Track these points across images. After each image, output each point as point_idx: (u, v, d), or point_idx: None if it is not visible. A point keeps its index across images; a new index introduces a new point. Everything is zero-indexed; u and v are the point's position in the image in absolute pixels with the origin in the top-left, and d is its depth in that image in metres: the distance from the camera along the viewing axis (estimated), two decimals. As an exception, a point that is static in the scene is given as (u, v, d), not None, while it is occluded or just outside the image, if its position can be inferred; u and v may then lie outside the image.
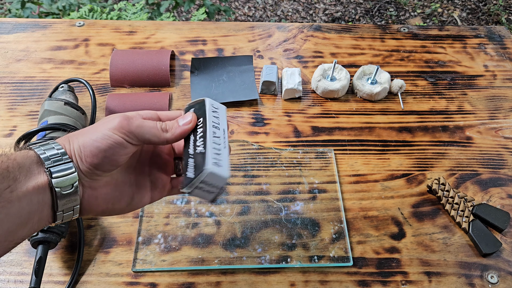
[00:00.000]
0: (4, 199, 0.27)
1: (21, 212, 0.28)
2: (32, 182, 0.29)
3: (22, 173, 0.29)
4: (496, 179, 0.56)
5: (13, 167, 0.28)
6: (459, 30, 0.77)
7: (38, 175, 0.29)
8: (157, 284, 0.46)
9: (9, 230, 0.27)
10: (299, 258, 0.48)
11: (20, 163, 0.29)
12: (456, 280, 0.47)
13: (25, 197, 0.28)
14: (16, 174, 0.28)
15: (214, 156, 0.33)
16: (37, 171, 0.29)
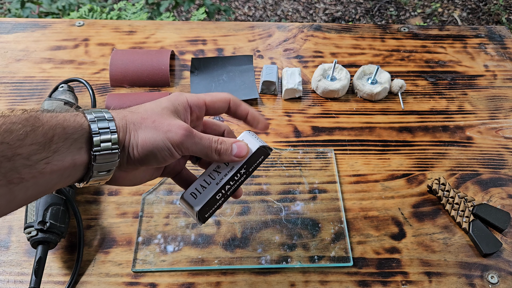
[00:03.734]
0: (37, 170, 0.26)
1: (48, 184, 0.28)
2: (69, 157, 0.28)
3: (65, 146, 0.28)
4: (497, 179, 0.56)
5: (59, 138, 0.27)
6: (459, 30, 0.77)
7: (78, 151, 0.28)
8: (157, 284, 0.46)
9: (30, 197, 0.27)
10: (299, 258, 0.48)
11: (68, 134, 0.28)
12: (457, 280, 0.47)
13: (58, 171, 0.28)
14: (59, 146, 0.27)
15: (193, 189, 0.37)
16: (80, 147, 0.29)
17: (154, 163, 0.32)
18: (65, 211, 0.47)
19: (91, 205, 0.52)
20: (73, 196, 0.49)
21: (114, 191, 0.53)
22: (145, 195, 0.53)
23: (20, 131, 0.25)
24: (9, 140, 0.25)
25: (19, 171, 0.25)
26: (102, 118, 0.30)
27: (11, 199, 0.26)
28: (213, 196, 0.36)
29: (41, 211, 0.45)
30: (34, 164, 0.26)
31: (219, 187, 0.36)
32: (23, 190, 0.26)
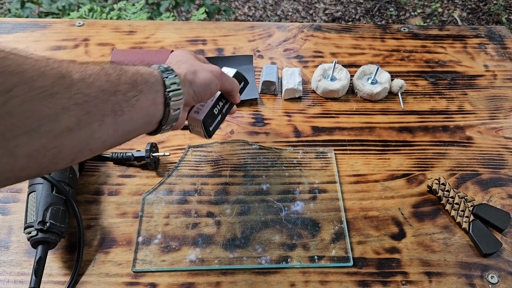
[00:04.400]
0: (131, 105, 0.33)
1: (139, 119, 0.35)
2: (151, 97, 0.35)
3: (146, 88, 0.35)
4: (497, 179, 0.56)
5: (141, 81, 0.35)
6: (459, 30, 0.77)
7: (156, 93, 0.36)
8: (157, 284, 0.46)
9: (127, 130, 0.34)
10: (299, 258, 0.48)
11: (146, 79, 0.35)
12: (457, 280, 0.47)
13: (145, 108, 0.35)
14: (142, 87, 0.34)
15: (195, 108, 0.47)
16: (157, 89, 0.36)
17: (207, 95, 0.43)
18: (65, 211, 0.47)
19: (91, 205, 0.52)
20: (73, 196, 0.49)
21: (114, 191, 0.54)
22: (145, 195, 0.53)
23: (114, 74, 0.32)
24: (111, 79, 0.32)
25: (120, 105, 0.32)
26: (165, 68, 0.38)
27: (115, 129, 0.33)
28: (211, 109, 0.47)
29: (41, 211, 0.45)
30: (129, 99, 0.33)
31: (214, 102, 0.47)
32: (123, 122, 0.33)
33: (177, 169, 0.56)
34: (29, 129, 0.26)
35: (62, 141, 0.29)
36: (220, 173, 0.55)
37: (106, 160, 0.56)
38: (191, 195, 0.53)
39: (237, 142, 0.59)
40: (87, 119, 0.30)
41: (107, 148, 0.33)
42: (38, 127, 0.27)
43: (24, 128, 0.26)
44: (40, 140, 0.27)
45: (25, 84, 0.26)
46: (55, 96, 0.28)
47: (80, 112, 0.29)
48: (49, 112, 0.27)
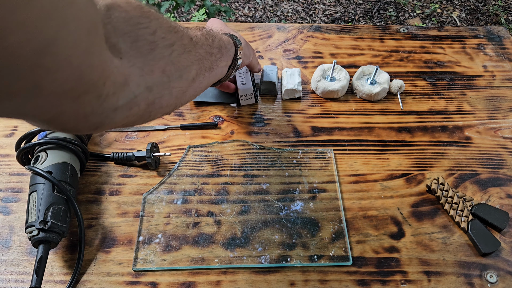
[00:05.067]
0: (217, 64, 0.43)
1: (216, 75, 0.45)
2: (226, 60, 0.46)
3: (226, 52, 0.45)
4: (495, 179, 0.56)
5: (224, 47, 0.45)
6: (458, 31, 0.78)
7: (229, 58, 0.47)
8: (157, 283, 0.46)
9: (210, 82, 0.45)
10: (299, 258, 0.48)
11: (226, 45, 0.46)
12: (455, 280, 0.47)
13: (222, 68, 0.45)
14: (224, 51, 0.45)
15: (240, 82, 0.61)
16: (230, 55, 0.47)
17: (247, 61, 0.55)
18: (66, 211, 0.47)
19: (92, 205, 0.52)
20: (74, 196, 0.49)
21: (115, 190, 0.54)
22: (145, 194, 0.53)
23: (209, 39, 0.42)
24: (209, 43, 0.41)
25: (212, 63, 0.42)
26: (235, 38, 0.49)
27: (208, 82, 0.43)
28: (253, 80, 0.63)
29: (42, 211, 0.45)
30: (217, 60, 0.43)
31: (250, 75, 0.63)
32: (212, 76, 0.43)
33: (177, 169, 0.56)
34: (179, 75, 0.35)
35: (189, 87, 0.38)
36: (220, 173, 0.56)
37: (107, 160, 0.56)
38: (192, 194, 0.53)
39: (237, 142, 0.59)
40: (199, 71, 0.39)
41: (197, 95, 0.43)
42: (182, 75, 0.36)
43: (178, 74, 0.35)
44: (183, 84, 0.37)
45: (179, 41, 0.35)
46: (190, 53, 0.37)
47: (197, 66, 0.38)
48: (187, 63, 0.36)
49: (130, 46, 0.30)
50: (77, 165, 0.52)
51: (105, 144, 0.58)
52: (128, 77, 0.30)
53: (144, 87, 0.31)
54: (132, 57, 0.30)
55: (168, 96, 0.34)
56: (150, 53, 0.32)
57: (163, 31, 0.33)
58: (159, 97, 0.33)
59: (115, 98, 0.28)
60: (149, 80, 0.32)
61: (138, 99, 0.31)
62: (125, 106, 0.30)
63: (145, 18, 0.32)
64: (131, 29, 0.30)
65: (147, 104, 0.32)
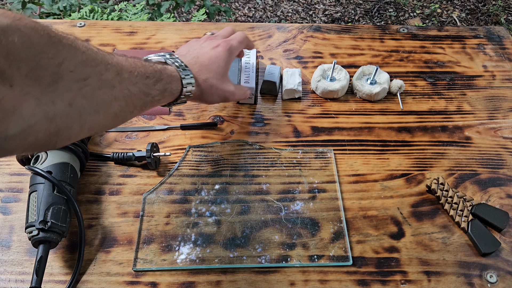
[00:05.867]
0: (154, 104, 0.43)
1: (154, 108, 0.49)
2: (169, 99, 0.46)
3: (167, 95, 0.45)
4: (495, 179, 0.56)
5: (168, 91, 0.44)
6: (458, 31, 0.78)
7: (172, 97, 0.46)
8: (157, 283, 0.46)
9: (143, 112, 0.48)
10: (299, 258, 0.48)
11: (173, 91, 0.45)
12: (455, 280, 0.47)
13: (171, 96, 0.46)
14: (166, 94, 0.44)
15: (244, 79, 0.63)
16: (175, 94, 0.46)
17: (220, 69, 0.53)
18: (66, 211, 0.47)
19: (92, 205, 0.52)
20: (74, 196, 0.49)
21: (115, 191, 0.54)
22: (146, 194, 0.53)
23: (153, 79, 0.41)
24: (148, 83, 0.41)
25: (147, 104, 0.42)
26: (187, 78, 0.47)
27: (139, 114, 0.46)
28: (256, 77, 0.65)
29: (42, 211, 0.45)
30: (155, 101, 0.43)
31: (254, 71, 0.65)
32: (145, 110, 0.43)
33: (177, 169, 0.56)
34: (94, 110, 0.35)
35: (110, 122, 0.38)
36: (220, 173, 0.56)
37: (107, 160, 0.56)
38: (192, 194, 0.53)
39: (237, 142, 0.59)
40: (125, 108, 0.38)
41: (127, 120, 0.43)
42: (99, 109, 0.35)
43: (92, 109, 0.34)
44: (99, 119, 0.36)
45: (96, 76, 0.34)
46: (113, 89, 0.36)
47: (123, 103, 0.38)
48: (108, 99, 0.36)
49: (26, 74, 0.29)
50: (77, 165, 0.52)
51: (105, 144, 0.58)
52: (19, 105, 0.28)
53: (43, 116, 0.30)
54: (26, 86, 0.29)
55: (78, 128, 0.34)
56: (52, 84, 0.30)
57: (73, 64, 0.32)
58: (65, 128, 0.32)
59: (3, 127, 0.28)
60: (48, 111, 0.30)
61: (34, 129, 0.30)
62: (18, 135, 0.29)
63: (52, 48, 0.30)
64: (31, 56, 0.29)
65: (48, 135, 0.31)
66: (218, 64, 0.50)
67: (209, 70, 0.49)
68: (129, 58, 0.40)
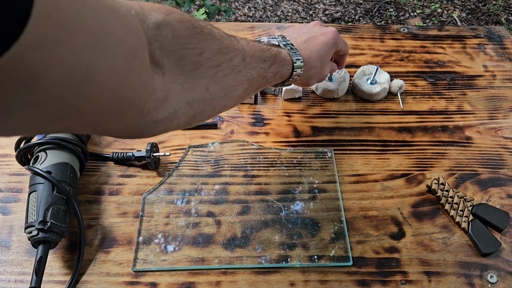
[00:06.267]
0: (265, 85, 0.45)
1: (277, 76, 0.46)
2: (278, 80, 0.47)
3: (278, 77, 0.46)
4: (496, 179, 0.56)
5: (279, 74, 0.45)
6: (458, 31, 0.77)
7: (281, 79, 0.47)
8: (157, 283, 0.46)
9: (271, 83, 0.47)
10: (299, 258, 0.48)
11: (284, 72, 0.46)
12: (456, 280, 0.47)
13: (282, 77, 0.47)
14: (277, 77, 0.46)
15: None
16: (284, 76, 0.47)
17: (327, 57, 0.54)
18: (66, 211, 0.47)
19: (91, 205, 0.52)
20: (74, 196, 0.49)
21: (115, 191, 0.54)
22: (145, 194, 0.53)
23: (268, 62, 0.43)
24: (265, 67, 0.42)
25: (262, 85, 0.44)
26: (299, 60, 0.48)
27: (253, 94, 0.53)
28: None
29: (42, 211, 0.45)
30: (268, 82, 0.44)
31: None
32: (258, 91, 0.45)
33: (177, 169, 0.56)
34: (223, 95, 0.37)
35: (234, 104, 0.40)
36: (220, 173, 0.56)
37: (106, 160, 0.56)
38: (192, 194, 0.53)
39: (237, 142, 0.59)
40: (247, 90, 0.40)
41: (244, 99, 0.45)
42: (227, 94, 0.37)
43: (221, 94, 0.37)
44: (227, 103, 0.38)
45: (227, 63, 0.36)
46: (239, 73, 0.38)
47: (246, 86, 0.40)
48: (234, 83, 0.38)
49: (175, 63, 0.32)
50: (76, 165, 0.52)
51: (104, 144, 0.58)
52: (168, 92, 0.31)
53: (184, 102, 0.33)
54: (173, 74, 0.32)
55: (210, 111, 0.37)
56: (193, 71, 0.33)
57: (210, 52, 0.34)
58: (201, 112, 0.35)
59: (155, 113, 0.30)
60: (189, 96, 0.33)
61: (178, 113, 0.33)
62: (165, 119, 0.32)
63: (194, 38, 0.33)
64: (178, 47, 0.32)
65: (188, 118, 0.34)
66: (326, 50, 0.51)
67: (318, 55, 0.51)
68: (250, 42, 0.42)
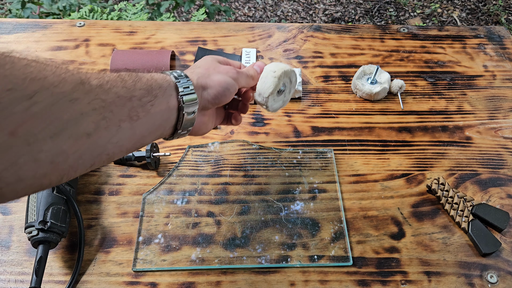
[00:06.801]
0: (146, 110, 0.34)
1: (154, 123, 0.36)
2: (165, 101, 0.36)
3: (161, 93, 0.36)
4: (496, 179, 0.56)
5: (155, 86, 0.36)
6: (458, 30, 0.77)
7: (170, 98, 0.37)
8: (157, 283, 0.46)
9: (142, 134, 0.35)
10: (299, 258, 0.48)
11: (160, 84, 0.36)
12: (456, 280, 0.47)
13: (159, 113, 0.36)
14: (156, 92, 0.36)
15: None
16: (171, 93, 0.37)
17: (225, 98, 0.42)
18: (66, 211, 0.47)
19: (91, 205, 0.52)
20: (74, 196, 0.49)
21: (115, 191, 0.54)
22: (145, 195, 0.53)
23: (130, 80, 0.34)
24: (126, 86, 0.33)
25: (136, 110, 0.33)
26: (178, 73, 0.39)
27: (132, 133, 0.33)
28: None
29: (42, 211, 0.45)
30: (144, 104, 0.34)
31: None
32: (139, 126, 0.34)
33: (177, 169, 0.56)
34: (51, 134, 0.27)
35: (82, 146, 0.29)
36: (220, 173, 0.56)
37: (106, 160, 0.56)
38: (192, 195, 0.53)
39: (237, 142, 0.59)
40: (104, 124, 0.30)
41: (123, 153, 0.34)
42: (60, 132, 0.27)
43: (47, 133, 0.26)
44: (62, 145, 0.28)
45: (46, 90, 0.26)
46: (75, 102, 0.28)
47: (98, 117, 0.30)
48: (70, 117, 0.28)
49: None
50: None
51: (105, 144, 0.58)
52: None
53: None
54: None
55: (31, 164, 0.26)
56: None
57: (9, 81, 0.25)
58: (11, 165, 0.25)
59: None
60: None
61: None
62: None
63: None
64: None
65: None
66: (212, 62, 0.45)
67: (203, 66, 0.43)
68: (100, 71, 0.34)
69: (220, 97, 0.42)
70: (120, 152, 0.33)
